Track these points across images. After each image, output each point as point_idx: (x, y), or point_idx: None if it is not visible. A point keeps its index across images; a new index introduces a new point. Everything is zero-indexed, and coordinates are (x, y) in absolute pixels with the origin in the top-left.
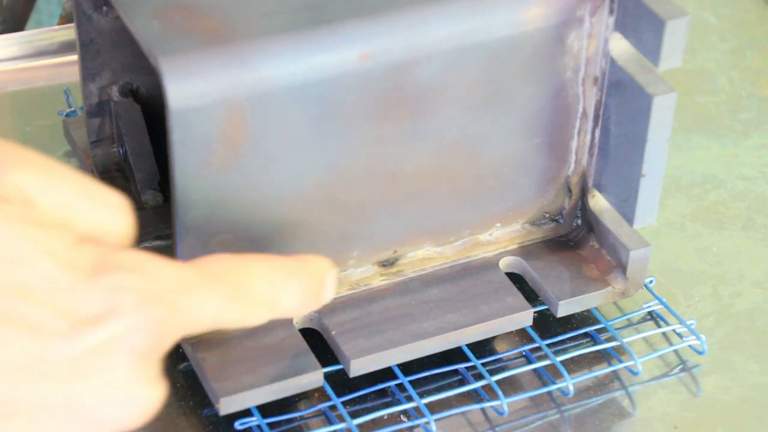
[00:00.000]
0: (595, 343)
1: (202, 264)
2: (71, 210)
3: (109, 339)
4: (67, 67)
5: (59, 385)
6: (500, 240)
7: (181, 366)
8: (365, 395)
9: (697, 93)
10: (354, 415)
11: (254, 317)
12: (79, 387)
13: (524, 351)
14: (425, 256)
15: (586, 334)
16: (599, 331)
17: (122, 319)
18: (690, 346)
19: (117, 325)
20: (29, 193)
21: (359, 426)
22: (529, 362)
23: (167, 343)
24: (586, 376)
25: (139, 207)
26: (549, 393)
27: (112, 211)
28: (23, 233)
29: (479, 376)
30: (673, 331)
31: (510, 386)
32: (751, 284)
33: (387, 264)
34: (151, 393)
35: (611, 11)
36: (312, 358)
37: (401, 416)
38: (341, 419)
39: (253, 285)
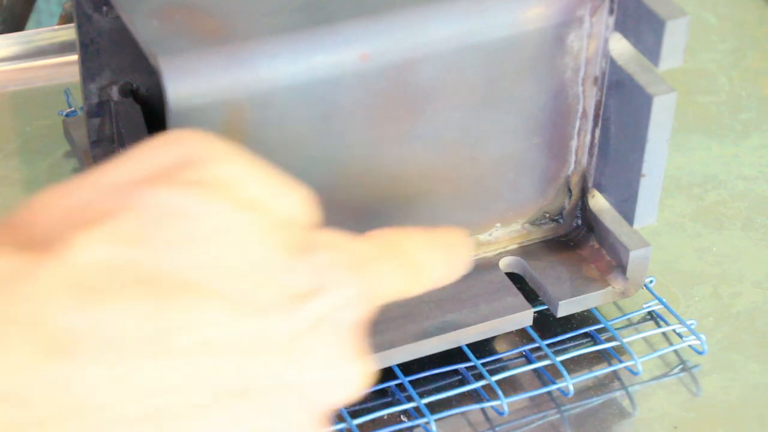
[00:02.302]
0: (595, 343)
1: (377, 237)
2: (267, 199)
3: (324, 314)
4: (67, 67)
5: (282, 364)
6: (500, 240)
7: None
8: (365, 395)
9: (697, 93)
10: (354, 415)
11: (419, 288)
12: (299, 366)
13: (524, 351)
14: None
15: (586, 334)
16: (599, 331)
17: (333, 294)
18: (690, 346)
19: (329, 299)
20: (229, 184)
21: (359, 426)
22: (529, 362)
23: (365, 317)
24: (586, 376)
25: None
26: (549, 393)
27: (301, 202)
28: (236, 218)
29: (479, 376)
30: (673, 331)
31: (510, 386)
32: (751, 284)
33: None
34: (361, 368)
35: (611, 11)
36: None
37: (401, 416)
38: (341, 419)
39: (416, 257)
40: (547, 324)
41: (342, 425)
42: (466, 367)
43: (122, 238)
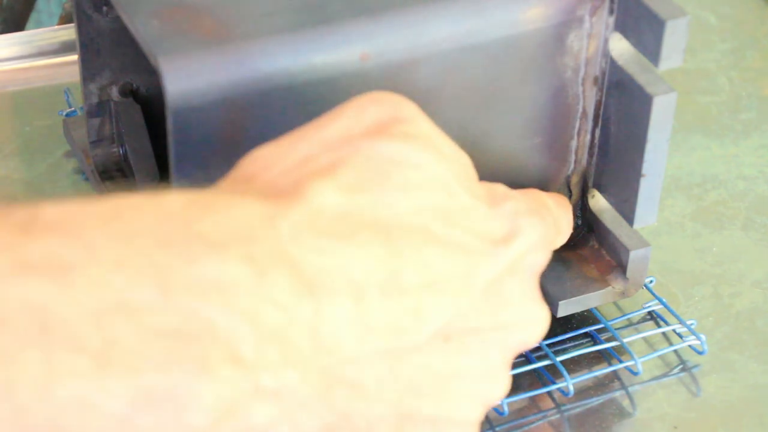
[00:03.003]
0: (595, 343)
1: (526, 192)
2: (458, 155)
3: (519, 257)
4: (67, 67)
5: (486, 305)
6: None
7: None
8: None
9: (697, 93)
10: None
11: (559, 243)
12: (500, 308)
13: (524, 351)
14: None
15: (586, 334)
16: (599, 331)
17: (525, 238)
18: (690, 346)
19: (522, 243)
20: (432, 138)
21: None
22: (529, 362)
23: (546, 261)
24: (586, 376)
25: None
26: (549, 393)
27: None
28: (447, 167)
29: None
30: (673, 331)
31: (510, 386)
32: (751, 284)
33: None
34: (545, 311)
35: (611, 11)
36: None
37: None
38: None
39: (555, 213)
40: None
41: None
42: None
43: (352, 185)
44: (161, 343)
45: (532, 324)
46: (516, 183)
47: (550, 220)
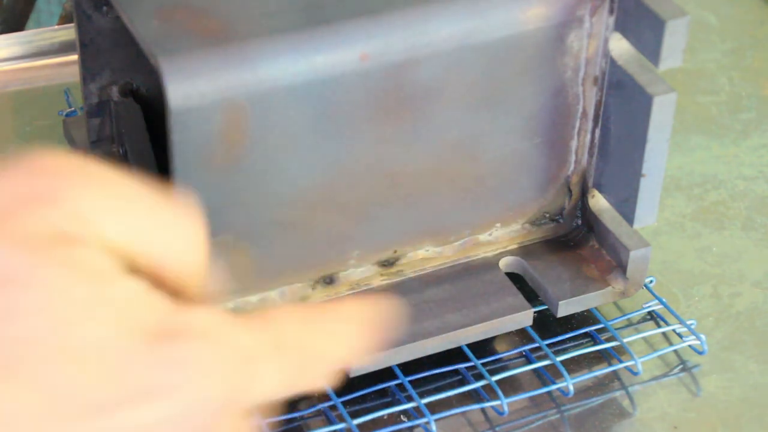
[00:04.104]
0: (595, 343)
1: (273, 324)
2: (138, 237)
3: (164, 415)
4: (67, 67)
5: None
6: (500, 240)
7: None
8: (365, 395)
9: (697, 93)
10: (354, 415)
11: (321, 384)
12: None
13: (524, 351)
14: (425, 256)
15: (586, 334)
16: (599, 331)
17: (180, 398)
18: (690, 346)
19: (173, 404)
20: (90, 220)
21: (359, 426)
22: (529, 362)
23: (224, 421)
24: (586, 376)
25: None
26: (549, 393)
27: (184, 238)
28: (86, 288)
29: (479, 376)
30: (673, 331)
31: (510, 386)
32: (751, 284)
33: (387, 264)
34: None
35: (611, 11)
36: None
37: (401, 416)
38: (341, 419)
39: (324, 349)
40: (547, 324)
41: (342, 425)
42: (466, 367)
43: None
44: None
45: None
46: (516, 183)
47: (230, 375)
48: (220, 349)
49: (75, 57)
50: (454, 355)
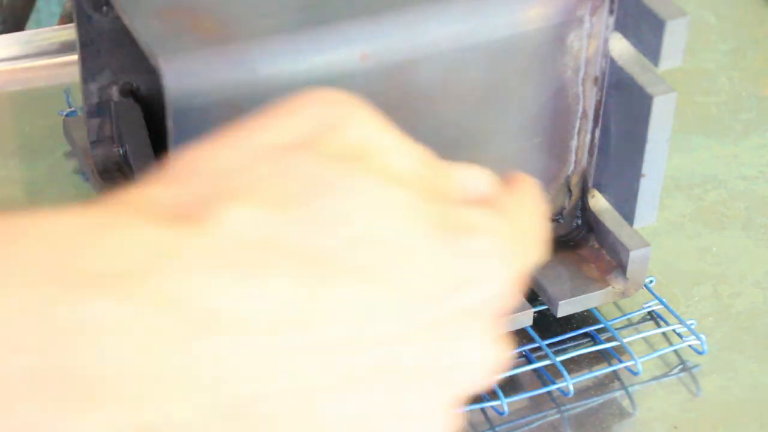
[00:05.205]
0: (595, 343)
1: (507, 212)
2: (416, 169)
3: (471, 305)
4: (67, 67)
5: (424, 350)
6: None
7: None
8: None
9: (697, 93)
10: None
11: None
12: (439, 351)
13: (524, 351)
14: None
15: (586, 334)
16: (599, 331)
17: (487, 286)
18: (690, 346)
19: (479, 291)
20: (375, 138)
21: None
22: (529, 362)
23: (509, 307)
24: (586, 376)
25: None
26: (549, 393)
27: (445, 169)
28: (390, 193)
29: None
30: (673, 331)
31: (510, 386)
32: (751, 284)
33: None
34: (501, 354)
35: (611, 11)
36: None
37: None
38: None
39: (534, 233)
40: (547, 324)
41: None
42: None
43: (274, 209)
44: (35, 382)
45: (478, 369)
46: None
47: (521, 261)
48: (502, 240)
49: (75, 57)
50: None
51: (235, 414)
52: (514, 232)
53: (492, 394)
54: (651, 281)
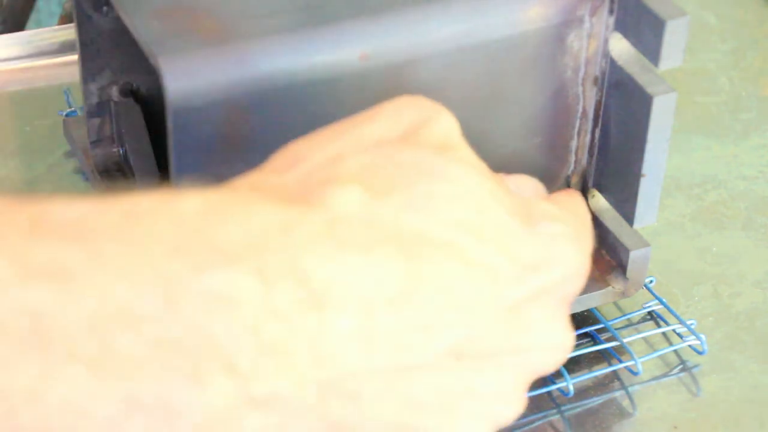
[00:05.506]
0: (595, 343)
1: (566, 208)
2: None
3: (550, 285)
4: (67, 67)
5: (503, 329)
6: None
7: None
8: None
9: (697, 93)
10: None
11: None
12: (521, 332)
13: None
14: None
15: (586, 334)
16: (599, 331)
17: (562, 267)
18: (690, 346)
19: (557, 272)
20: (458, 133)
21: None
22: None
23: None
24: (586, 376)
25: None
26: (549, 393)
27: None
28: (482, 181)
29: None
30: (673, 331)
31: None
32: (751, 284)
33: None
34: (570, 337)
35: (611, 11)
36: None
37: None
38: None
39: (588, 228)
40: None
41: None
42: None
43: (378, 193)
44: (158, 352)
45: (553, 350)
46: None
47: (587, 247)
48: (573, 229)
49: (75, 57)
50: None
51: (333, 391)
52: (576, 221)
53: None
54: (651, 281)
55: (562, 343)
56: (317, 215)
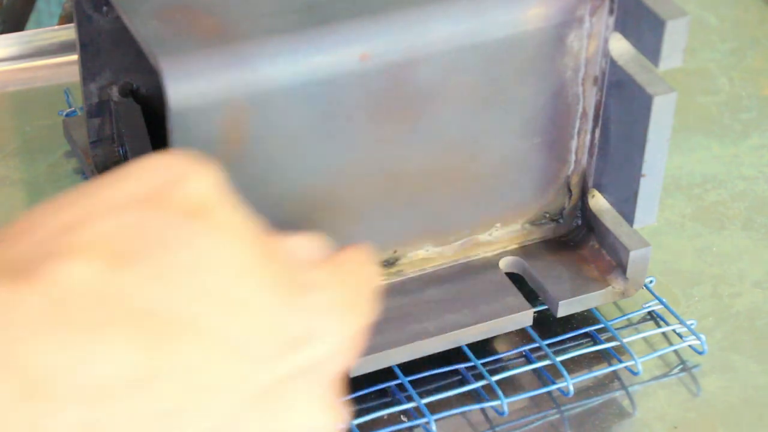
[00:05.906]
0: (595, 343)
1: (341, 272)
2: (253, 228)
3: (312, 363)
4: (67, 67)
5: (260, 415)
6: (500, 240)
7: None
8: (365, 395)
9: (697, 93)
10: (354, 415)
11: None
12: (275, 413)
13: (524, 351)
14: (425, 256)
15: (586, 334)
16: (599, 331)
17: (323, 344)
18: (690, 346)
19: (320, 348)
20: (216, 194)
21: (359, 426)
22: (529, 362)
23: (347, 366)
24: (586, 376)
25: None
26: (549, 393)
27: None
28: (233, 249)
29: (479, 376)
30: (673, 331)
31: (510, 386)
32: (751, 284)
33: (387, 264)
34: (337, 417)
35: (611, 11)
36: None
37: (401, 416)
38: None
39: (362, 293)
40: (547, 324)
41: None
42: (466, 367)
43: (112, 263)
44: None
45: (316, 429)
46: (516, 183)
47: (359, 317)
48: (340, 297)
49: (75, 57)
50: (454, 355)
51: None
52: (347, 289)
53: (492, 394)
54: (651, 281)
55: (324, 426)
56: (38, 294)
